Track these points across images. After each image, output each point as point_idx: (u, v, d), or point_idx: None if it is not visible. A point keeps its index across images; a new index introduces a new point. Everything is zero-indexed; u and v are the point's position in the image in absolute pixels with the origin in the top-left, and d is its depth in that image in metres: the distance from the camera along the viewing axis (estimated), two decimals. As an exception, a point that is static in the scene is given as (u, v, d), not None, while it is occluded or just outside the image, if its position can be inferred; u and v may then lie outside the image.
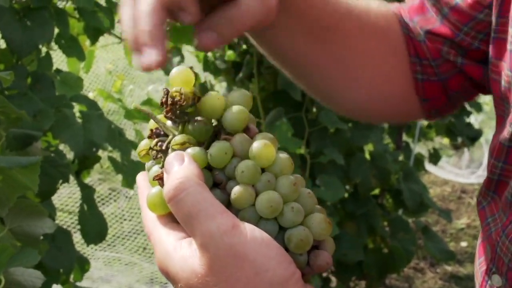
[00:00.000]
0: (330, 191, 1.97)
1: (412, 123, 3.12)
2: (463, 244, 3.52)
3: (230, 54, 2.23)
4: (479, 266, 0.84)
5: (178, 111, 0.57)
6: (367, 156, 2.29)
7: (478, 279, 0.84)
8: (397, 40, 0.93)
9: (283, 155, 0.57)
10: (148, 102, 1.91)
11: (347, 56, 0.88)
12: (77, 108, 1.42)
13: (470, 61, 0.90)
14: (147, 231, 0.61)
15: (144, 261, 3.16)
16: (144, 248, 3.20)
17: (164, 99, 0.58)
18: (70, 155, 1.52)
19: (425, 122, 3.32)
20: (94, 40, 1.62)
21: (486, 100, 4.05)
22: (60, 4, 1.59)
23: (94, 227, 1.40)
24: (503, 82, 0.80)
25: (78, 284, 1.48)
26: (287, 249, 0.55)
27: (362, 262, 2.24)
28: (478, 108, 3.43)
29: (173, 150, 0.57)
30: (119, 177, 3.80)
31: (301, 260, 0.56)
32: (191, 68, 0.60)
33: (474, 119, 4.06)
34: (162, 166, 0.58)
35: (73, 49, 1.55)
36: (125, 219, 3.31)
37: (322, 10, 0.81)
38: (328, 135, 2.10)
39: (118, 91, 1.99)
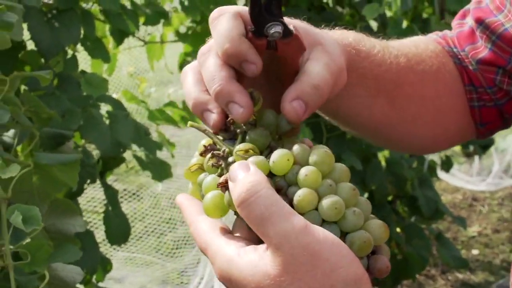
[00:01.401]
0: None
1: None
2: (475, 252, 3.51)
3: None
4: None
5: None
6: (383, 162, 2.30)
7: None
8: (451, 76, 0.94)
9: (341, 164, 0.59)
10: (171, 104, 1.91)
11: (410, 106, 0.89)
12: (102, 109, 1.44)
13: None
14: (201, 244, 0.61)
15: (156, 262, 3.17)
16: (158, 250, 3.20)
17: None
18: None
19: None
20: (119, 42, 1.63)
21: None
22: (86, 6, 1.60)
23: (118, 228, 1.41)
24: None
25: (100, 284, 1.49)
26: None
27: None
28: (491, 116, 3.43)
29: (237, 156, 0.59)
30: (132, 177, 3.79)
31: (362, 264, 0.56)
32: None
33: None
34: (220, 175, 0.59)
35: (98, 51, 1.56)
36: (138, 220, 3.32)
37: (386, 67, 0.82)
38: (345, 141, 2.10)
39: (142, 93, 2.00)
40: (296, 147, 0.59)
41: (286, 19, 0.63)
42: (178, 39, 1.99)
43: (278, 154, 0.57)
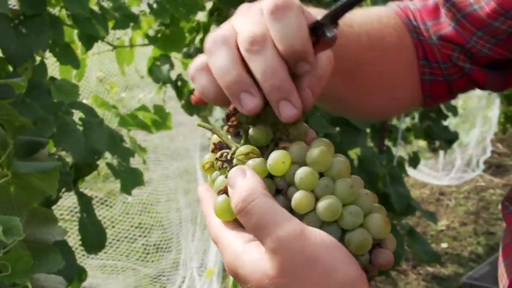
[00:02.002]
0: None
1: (393, 127, 3.16)
2: (444, 245, 3.57)
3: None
4: (505, 268, 0.86)
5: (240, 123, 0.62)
6: (355, 160, 2.31)
7: (503, 282, 0.86)
8: (407, 50, 0.96)
9: (339, 159, 0.59)
10: (142, 109, 1.89)
11: (367, 82, 0.92)
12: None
13: (477, 67, 0.94)
14: (213, 236, 0.63)
15: (128, 268, 3.14)
16: (129, 256, 3.17)
17: (229, 113, 0.62)
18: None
19: (405, 126, 3.36)
20: (88, 47, 1.60)
21: (460, 104, 4.12)
22: (54, 11, 1.57)
23: (94, 236, 1.39)
24: None
25: (76, 293, 1.46)
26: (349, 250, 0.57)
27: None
28: (454, 111, 3.49)
29: (238, 160, 0.59)
30: (100, 185, 3.73)
31: (363, 259, 0.57)
32: None
33: (449, 123, 4.13)
34: (227, 176, 0.60)
35: (67, 57, 1.53)
36: (108, 226, 3.28)
37: (348, 48, 0.83)
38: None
39: (113, 98, 1.98)
40: (293, 147, 0.59)
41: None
42: (147, 43, 1.97)
43: (273, 157, 0.58)
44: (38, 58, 1.54)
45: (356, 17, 0.89)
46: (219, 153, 0.62)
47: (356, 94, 0.90)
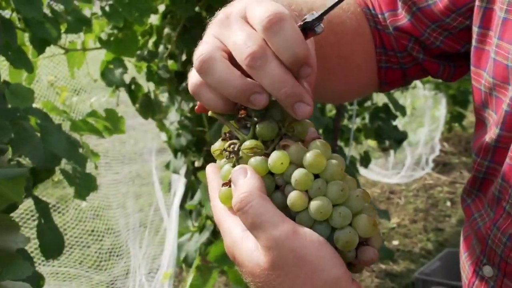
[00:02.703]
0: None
1: (345, 128, 3.21)
2: (395, 242, 3.65)
3: (171, 64, 2.23)
4: (466, 260, 0.90)
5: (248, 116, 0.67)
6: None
7: (465, 271, 0.90)
8: (365, 37, 1.01)
9: (333, 161, 0.63)
10: (93, 114, 1.88)
11: (327, 64, 0.94)
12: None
13: (429, 58, 1.00)
14: (216, 220, 0.68)
15: (81, 275, 3.09)
16: (82, 262, 3.13)
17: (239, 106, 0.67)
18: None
19: (356, 127, 3.43)
20: (40, 51, 1.58)
21: (408, 104, 4.22)
22: (3, 13, 1.55)
23: (53, 241, 1.37)
24: (483, 89, 0.87)
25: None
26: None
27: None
28: (403, 111, 3.58)
29: (243, 153, 0.65)
30: (50, 190, 3.67)
31: (350, 255, 0.62)
32: None
33: (398, 122, 4.23)
34: (233, 166, 0.66)
35: (20, 61, 1.51)
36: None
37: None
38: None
39: (63, 102, 1.96)
40: (292, 149, 0.63)
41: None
42: (100, 46, 1.95)
43: (274, 158, 0.63)
44: (-11, 63, 1.52)
45: (317, 1, 0.91)
46: (227, 144, 0.67)
47: (318, 76, 0.95)
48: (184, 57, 2.23)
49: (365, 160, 3.46)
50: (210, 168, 0.72)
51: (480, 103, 0.89)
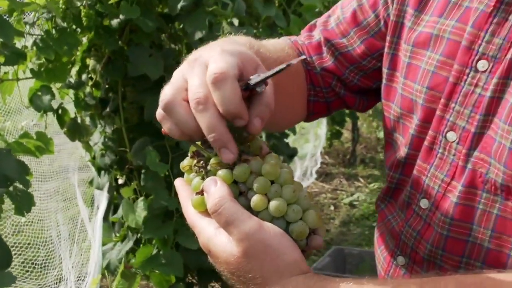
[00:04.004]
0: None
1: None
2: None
3: (95, 91, 2.24)
4: (381, 253, 1.01)
5: None
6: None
7: (381, 262, 1.01)
8: (300, 76, 1.09)
9: (285, 170, 0.72)
10: (26, 135, 1.86)
11: (282, 101, 0.98)
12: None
13: (349, 93, 1.10)
14: (190, 222, 0.74)
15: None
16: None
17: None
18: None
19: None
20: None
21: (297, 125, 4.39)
22: None
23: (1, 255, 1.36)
24: (392, 117, 0.98)
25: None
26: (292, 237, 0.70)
27: (220, 267, 2.35)
28: (294, 131, 3.75)
29: (211, 167, 0.71)
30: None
31: (302, 243, 0.71)
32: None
33: (289, 140, 4.40)
34: (202, 178, 0.72)
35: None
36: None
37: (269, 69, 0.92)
38: (188, 159, 2.18)
39: (-5, 130, 1.92)
40: (252, 162, 0.71)
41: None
42: (32, 76, 1.94)
43: (238, 170, 0.70)
44: None
45: (271, 47, 1.00)
46: (196, 160, 0.73)
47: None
48: (106, 86, 2.25)
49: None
50: (178, 181, 0.78)
51: (390, 129, 1.00)
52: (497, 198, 0.83)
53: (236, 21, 2.44)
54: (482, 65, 0.85)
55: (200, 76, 0.72)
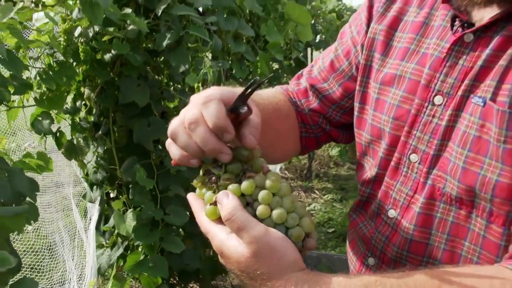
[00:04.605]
0: (177, 217, 2.10)
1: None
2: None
3: (89, 116, 2.27)
4: (353, 255, 1.06)
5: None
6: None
7: (353, 263, 1.06)
8: (292, 116, 1.15)
9: (284, 184, 0.77)
10: (28, 155, 1.88)
11: (272, 136, 1.07)
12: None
13: (333, 128, 1.16)
14: (203, 229, 0.78)
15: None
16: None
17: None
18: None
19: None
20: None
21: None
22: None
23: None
24: (363, 143, 1.05)
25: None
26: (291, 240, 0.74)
27: (199, 269, 2.38)
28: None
29: (222, 182, 0.76)
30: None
31: (299, 245, 0.76)
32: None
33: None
34: (214, 192, 0.76)
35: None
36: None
37: (263, 112, 0.96)
38: (171, 176, 2.23)
39: (3, 148, 1.93)
40: (257, 178, 0.75)
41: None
42: (35, 104, 1.97)
43: (245, 184, 0.75)
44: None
45: (264, 94, 1.07)
46: (208, 177, 0.78)
47: (265, 143, 1.02)
48: (99, 111, 2.28)
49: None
50: (191, 196, 0.83)
51: (362, 152, 1.06)
52: (452, 208, 0.88)
53: (209, 55, 2.51)
54: (438, 100, 0.91)
55: (192, 105, 0.80)
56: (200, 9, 2.40)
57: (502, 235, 0.83)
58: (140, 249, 2.22)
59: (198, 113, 0.77)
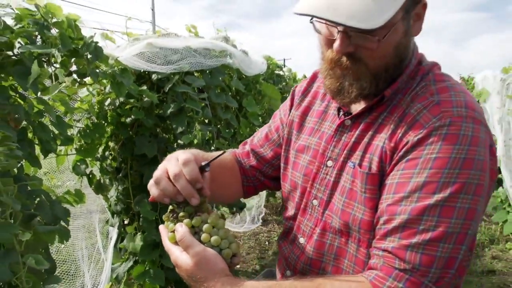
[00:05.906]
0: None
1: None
2: (238, 267, 3.82)
3: (113, 163, 2.41)
4: (279, 269, 1.13)
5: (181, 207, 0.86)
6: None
7: (278, 274, 1.13)
8: (236, 171, 1.23)
9: (221, 220, 0.86)
10: (68, 192, 2.00)
11: (220, 185, 1.14)
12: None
13: (267, 179, 1.22)
14: (167, 248, 0.86)
15: None
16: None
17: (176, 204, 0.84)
18: None
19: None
20: (45, 156, 1.70)
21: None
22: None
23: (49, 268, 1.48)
24: (286, 192, 1.13)
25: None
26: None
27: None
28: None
29: (180, 217, 0.85)
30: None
31: (228, 261, 0.85)
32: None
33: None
34: (175, 224, 0.86)
35: (34, 162, 1.64)
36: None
37: (214, 170, 1.03)
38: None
39: (54, 185, 2.08)
40: (203, 216, 0.85)
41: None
42: (75, 152, 2.11)
43: (195, 220, 0.84)
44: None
45: (214, 153, 1.07)
46: (172, 214, 0.87)
47: (216, 191, 1.09)
48: (120, 159, 2.43)
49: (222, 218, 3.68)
50: (161, 227, 0.91)
51: (285, 198, 1.13)
52: (336, 236, 0.97)
53: (206, 121, 2.68)
54: (330, 163, 1.00)
55: (174, 164, 0.90)
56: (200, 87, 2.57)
57: (366, 254, 0.91)
58: (145, 263, 2.30)
59: (179, 170, 0.87)
